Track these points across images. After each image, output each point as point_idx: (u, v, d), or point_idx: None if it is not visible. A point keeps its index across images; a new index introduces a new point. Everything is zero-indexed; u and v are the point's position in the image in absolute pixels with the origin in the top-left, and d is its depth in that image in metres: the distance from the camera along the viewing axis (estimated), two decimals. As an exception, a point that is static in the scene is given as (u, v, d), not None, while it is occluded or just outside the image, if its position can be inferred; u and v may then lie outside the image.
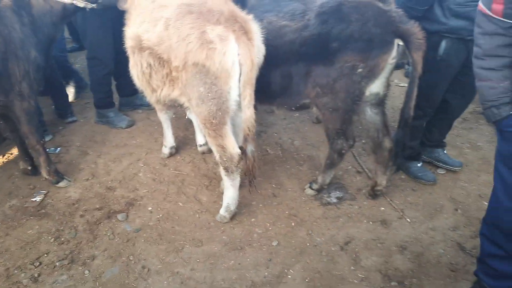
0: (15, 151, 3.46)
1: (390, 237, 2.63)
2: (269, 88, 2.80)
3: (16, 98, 2.66)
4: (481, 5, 1.79)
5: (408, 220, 2.78)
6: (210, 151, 3.28)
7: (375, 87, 2.55)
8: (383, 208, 2.90)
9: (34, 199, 2.91)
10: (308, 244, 2.57)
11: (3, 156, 3.47)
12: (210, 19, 2.24)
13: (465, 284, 2.28)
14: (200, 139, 3.47)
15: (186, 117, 3.51)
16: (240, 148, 2.48)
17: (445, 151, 3.32)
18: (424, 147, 3.33)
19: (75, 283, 2.25)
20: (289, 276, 2.34)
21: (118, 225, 2.69)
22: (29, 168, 3.12)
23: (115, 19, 3.31)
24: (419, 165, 3.21)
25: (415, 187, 3.12)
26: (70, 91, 4.39)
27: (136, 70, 2.67)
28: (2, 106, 2.65)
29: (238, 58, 2.26)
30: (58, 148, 3.56)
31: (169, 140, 3.42)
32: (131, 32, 2.60)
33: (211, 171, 3.31)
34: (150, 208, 2.86)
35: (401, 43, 2.35)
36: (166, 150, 3.45)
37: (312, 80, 2.59)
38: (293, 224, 2.76)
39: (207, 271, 2.35)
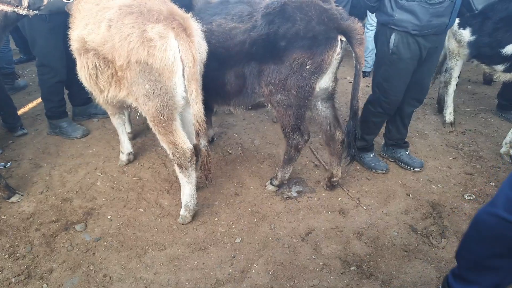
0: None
1: (348, 225, 2.76)
2: (224, 89, 2.85)
3: None
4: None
5: (364, 207, 2.92)
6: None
7: (324, 82, 2.67)
8: (340, 198, 3.03)
9: (-17, 217, 2.76)
10: (270, 238, 2.64)
11: None
12: (150, 18, 2.29)
13: (418, 263, 2.44)
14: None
15: (137, 117, 3.49)
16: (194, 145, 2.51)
17: (407, 152, 3.42)
18: (387, 146, 3.51)
19: (32, 299, 2.17)
20: (253, 271, 2.38)
21: (76, 236, 2.62)
22: (-25, 185, 2.95)
23: (64, 25, 3.22)
24: (372, 155, 3.39)
25: (369, 176, 3.28)
26: None
27: (84, 71, 2.66)
28: None
29: (179, 54, 2.31)
30: (9, 163, 3.39)
31: (126, 146, 3.39)
32: (76, 34, 2.59)
33: (172, 175, 3.29)
34: (109, 217, 2.80)
35: (343, 39, 2.48)
36: (123, 157, 3.41)
37: (264, 79, 2.67)
38: (255, 220, 2.81)
39: (171, 274, 2.35)
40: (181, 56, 2.32)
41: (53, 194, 3.02)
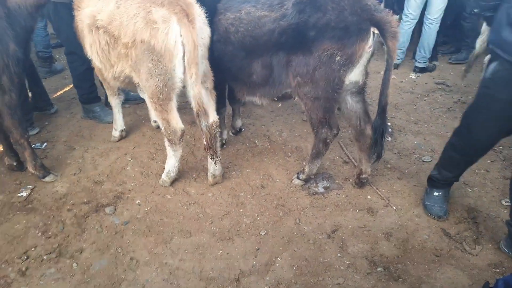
0: None
1: (376, 225, 2.68)
2: (250, 79, 2.83)
3: None
4: None
5: (394, 207, 2.83)
6: None
7: (354, 75, 2.58)
8: (369, 197, 2.94)
9: (20, 194, 2.88)
10: (295, 233, 2.61)
11: (-12, 152, 3.42)
12: (155, 1, 2.40)
13: (449, 269, 2.34)
14: (153, 115, 3.69)
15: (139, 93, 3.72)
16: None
17: None
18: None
19: (63, 276, 2.25)
20: (277, 264, 2.37)
21: (106, 218, 2.69)
22: (15, 163, 3.09)
23: None
24: (436, 193, 2.79)
25: (401, 176, 3.17)
26: None
27: (95, 47, 2.77)
28: (-16, 100, 2.61)
29: (180, 38, 2.40)
30: (44, 144, 3.52)
31: (119, 124, 3.60)
32: (88, 11, 2.69)
33: (199, 163, 3.31)
34: (138, 201, 2.86)
35: (376, 31, 2.38)
36: (116, 133, 3.61)
37: (292, 70, 2.62)
38: (281, 214, 2.79)
39: (195, 261, 2.37)
40: (182, 41, 2.40)
41: (85, 176, 3.11)
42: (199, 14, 2.51)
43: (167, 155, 2.93)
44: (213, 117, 2.80)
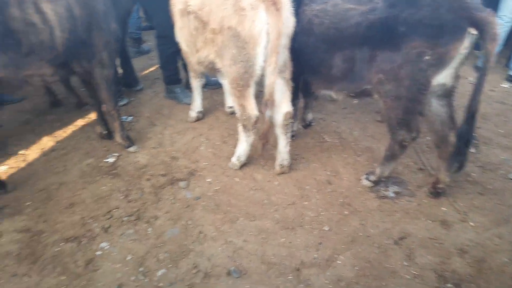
0: (93, 116, 3.81)
1: (450, 239, 2.51)
2: (329, 72, 2.79)
3: (97, 66, 2.89)
4: None
5: (472, 224, 2.63)
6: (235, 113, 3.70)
7: (443, 77, 2.42)
8: (444, 209, 2.76)
9: (107, 160, 3.20)
10: (360, 234, 2.55)
11: (83, 119, 3.84)
12: None
13: (530, 298, 2.13)
14: (229, 101, 3.87)
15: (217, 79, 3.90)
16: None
17: None
18: None
19: (139, 238, 2.47)
20: (339, 262, 2.34)
21: (179, 191, 2.87)
22: (105, 132, 3.43)
23: None
24: None
25: (482, 191, 2.92)
26: None
27: (185, 32, 2.95)
28: (85, 72, 2.89)
29: (266, 26, 2.45)
30: (130, 117, 3.85)
31: (197, 105, 3.79)
32: None
33: (268, 152, 3.37)
34: (209, 180, 3.01)
35: (474, 32, 2.20)
36: (193, 114, 3.81)
37: (375, 65, 2.53)
38: (346, 212, 2.74)
39: (258, 245, 2.44)
40: (267, 29, 2.45)
41: (164, 151, 3.35)
42: (286, 3, 2.53)
43: (239, 139, 3.04)
44: (287, 107, 2.83)
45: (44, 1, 2.28)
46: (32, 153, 3.31)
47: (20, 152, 3.30)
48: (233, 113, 3.91)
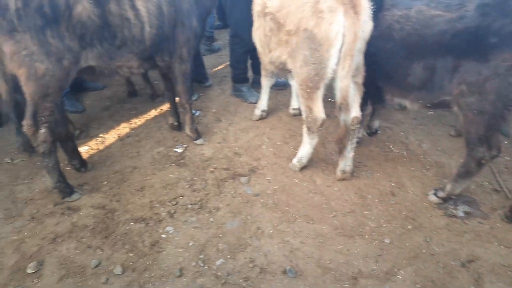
0: (165, 107, 4.07)
1: (527, 269, 2.30)
2: (406, 79, 2.69)
3: (177, 61, 3.08)
4: None
5: (555, 256, 2.38)
6: (299, 114, 3.78)
7: None
8: (522, 236, 2.53)
9: (176, 150, 3.39)
10: (424, 251, 2.43)
11: (156, 110, 4.11)
12: None
13: None
14: (294, 103, 3.93)
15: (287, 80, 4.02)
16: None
17: None
18: None
19: (201, 226, 2.59)
20: (399, 276, 2.26)
21: (240, 186, 2.96)
22: (176, 123, 3.64)
23: None
24: None
25: None
26: None
27: (260, 32, 3.04)
28: (166, 66, 3.10)
29: (342, 29, 2.43)
30: (198, 112, 4.04)
31: (263, 104, 3.87)
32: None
33: (329, 156, 3.35)
34: (268, 178, 3.06)
35: None
36: (258, 112, 3.89)
37: (458, 76, 2.40)
38: (409, 227, 2.63)
39: (315, 248, 2.43)
40: (343, 32, 2.43)
41: (227, 146, 3.47)
42: (366, 7, 2.49)
43: (303, 141, 3.04)
44: (356, 112, 2.79)
45: None
46: (110, 137, 3.62)
47: (100, 135, 3.63)
48: (296, 115, 3.94)
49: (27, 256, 2.35)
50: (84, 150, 3.38)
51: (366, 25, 2.54)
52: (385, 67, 2.77)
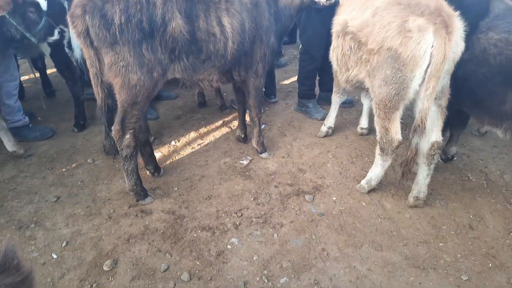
0: (231, 119, 4.19)
1: None
2: (500, 107, 2.48)
3: (252, 76, 3.16)
4: None
5: None
6: (367, 134, 3.84)
7: None
8: None
9: (242, 162, 3.46)
10: (508, 294, 2.20)
11: (223, 121, 4.25)
12: (415, 11, 2.37)
13: None
14: (363, 122, 3.87)
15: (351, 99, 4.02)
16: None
17: None
18: None
19: (265, 241, 2.59)
20: (479, 320, 2.06)
21: (304, 204, 2.93)
22: (242, 136, 3.73)
23: (332, 17, 3.48)
24: None
25: None
26: None
27: (337, 51, 2.99)
28: (241, 80, 3.19)
29: (431, 49, 2.32)
30: (263, 125, 4.10)
31: (330, 121, 3.82)
32: (341, 18, 2.91)
33: (398, 180, 3.18)
34: (334, 198, 2.99)
35: None
36: (324, 129, 3.86)
37: None
38: (490, 265, 2.40)
39: (384, 277, 2.32)
40: (432, 52, 2.32)
41: (292, 162, 3.46)
42: (459, 27, 2.36)
43: (375, 163, 2.94)
44: (436, 136, 2.64)
45: (224, 15, 2.63)
46: (180, 145, 3.80)
47: (172, 143, 3.83)
48: (363, 134, 3.85)
49: (103, 254, 2.52)
50: (157, 156, 3.59)
51: (457, 46, 2.42)
52: (476, 92, 2.60)
